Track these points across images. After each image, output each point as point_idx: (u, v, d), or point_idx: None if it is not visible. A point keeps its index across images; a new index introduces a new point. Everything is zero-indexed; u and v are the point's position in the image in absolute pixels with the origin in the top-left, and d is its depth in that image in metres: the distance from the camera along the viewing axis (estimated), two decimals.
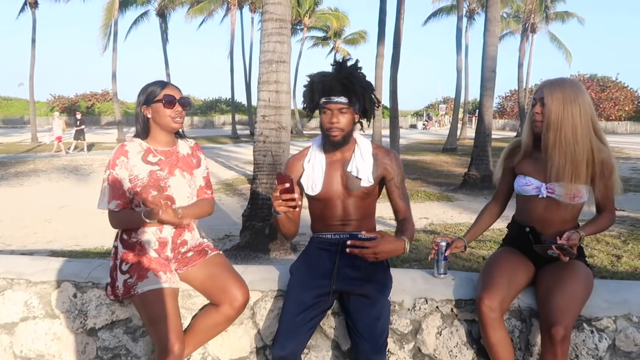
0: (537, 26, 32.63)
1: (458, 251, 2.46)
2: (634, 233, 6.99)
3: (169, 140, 2.32)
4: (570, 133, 2.12)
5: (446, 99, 54.57)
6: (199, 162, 2.41)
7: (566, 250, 2.04)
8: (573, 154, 2.12)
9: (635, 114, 43.58)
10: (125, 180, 2.22)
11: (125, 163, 2.22)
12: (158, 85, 2.25)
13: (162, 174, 2.25)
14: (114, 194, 2.21)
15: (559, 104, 2.13)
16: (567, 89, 2.14)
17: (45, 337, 2.45)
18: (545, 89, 2.18)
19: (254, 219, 6.34)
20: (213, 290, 2.24)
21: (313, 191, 2.25)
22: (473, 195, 11.33)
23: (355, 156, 2.25)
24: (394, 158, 2.30)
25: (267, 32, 6.25)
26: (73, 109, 50.75)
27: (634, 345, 2.17)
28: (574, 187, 2.13)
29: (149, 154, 2.26)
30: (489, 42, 12.20)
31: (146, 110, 2.24)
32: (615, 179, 2.16)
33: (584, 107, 2.13)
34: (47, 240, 7.45)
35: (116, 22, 27.91)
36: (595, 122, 2.17)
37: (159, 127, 2.27)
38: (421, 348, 2.30)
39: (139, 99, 2.26)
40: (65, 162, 17.20)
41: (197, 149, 2.44)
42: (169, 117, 2.23)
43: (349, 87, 2.13)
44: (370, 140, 2.35)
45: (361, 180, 2.22)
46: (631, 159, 18.87)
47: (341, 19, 37.90)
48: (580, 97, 2.13)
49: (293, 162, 2.35)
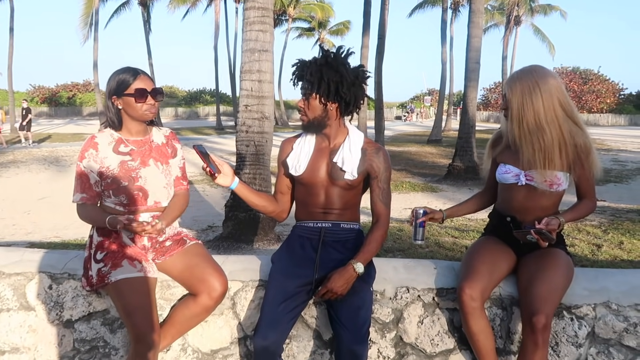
0: (521, 18, 32.87)
1: (436, 221, 2.43)
2: (615, 223, 7.10)
3: (141, 130, 2.26)
4: (533, 121, 2.11)
5: (431, 90, 54.71)
6: (175, 152, 2.36)
7: (545, 234, 2.03)
8: (541, 141, 2.11)
9: (617, 106, 44.19)
10: (92, 174, 2.17)
11: (94, 155, 2.17)
12: (129, 74, 2.16)
13: (134, 164, 2.19)
14: (79, 187, 2.17)
15: (517, 95, 2.13)
16: (525, 78, 2.14)
17: (20, 329, 2.39)
18: (506, 84, 2.20)
19: (237, 210, 6.30)
20: (191, 280, 2.21)
21: (296, 172, 2.23)
22: (457, 186, 11.41)
23: (344, 148, 2.21)
24: (382, 156, 2.24)
25: (249, 20, 6.18)
26: (54, 100, 50.02)
27: (613, 332, 2.18)
28: (550, 174, 2.12)
29: (120, 144, 2.21)
30: (473, 33, 12.24)
31: (117, 101, 2.17)
32: (593, 161, 2.15)
33: (547, 92, 2.11)
34: (26, 232, 7.33)
35: (97, 12, 27.42)
36: (566, 105, 2.14)
37: (130, 118, 2.21)
38: (403, 337, 2.30)
39: (109, 85, 2.18)
40: (46, 153, 16.93)
41: (172, 138, 2.38)
42: (141, 111, 2.17)
43: (312, 72, 2.12)
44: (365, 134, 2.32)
45: (345, 173, 2.19)
46: (612, 150, 19.15)
47: (326, 9, 37.69)
48: (542, 83, 2.11)
49: (285, 144, 2.35)
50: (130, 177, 2.18)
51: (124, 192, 2.17)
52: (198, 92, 53.64)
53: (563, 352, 2.20)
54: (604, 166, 2.34)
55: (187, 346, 2.36)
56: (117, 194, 2.17)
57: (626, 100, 44.88)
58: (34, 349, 2.39)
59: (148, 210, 2.22)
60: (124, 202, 2.18)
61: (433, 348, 2.28)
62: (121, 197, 2.17)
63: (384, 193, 2.25)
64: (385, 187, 2.26)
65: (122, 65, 2.25)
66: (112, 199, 2.18)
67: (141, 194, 2.19)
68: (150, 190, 2.21)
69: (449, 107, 32.07)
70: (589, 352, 2.21)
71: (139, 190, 2.18)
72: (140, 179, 2.19)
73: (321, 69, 2.10)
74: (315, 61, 2.13)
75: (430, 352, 2.28)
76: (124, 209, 2.19)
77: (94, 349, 2.36)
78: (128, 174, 2.17)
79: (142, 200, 2.20)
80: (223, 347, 2.35)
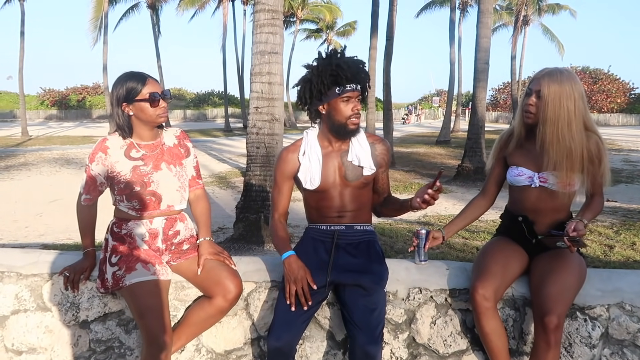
0: (529, 18, 32.67)
1: (436, 244, 2.40)
2: (626, 223, 7.05)
3: (152, 134, 2.25)
4: (567, 129, 2.09)
5: (439, 91, 54.56)
6: (188, 151, 2.36)
7: (577, 241, 2.02)
8: (569, 149, 2.09)
9: (627, 106, 43.80)
10: (100, 177, 2.20)
11: (104, 159, 2.18)
12: (137, 80, 2.13)
13: (146, 169, 2.19)
14: (86, 188, 2.23)
15: (556, 98, 2.08)
16: (565, 82, 2.09)
17: (37, 330, 2.42)
18: (543, 81, 2.11)
19: (248, 211, 6.32)
20: (206, 282, 2.22)
21: (312, 185, 2.20)
22: (466, 187, 11.37)
23: (354, 145, 2.21)
24: (387, 148, 2.31)
25: (259, 23, 6.20)
26: (63, 103, 50.38)
27: (627, 333, 2.18)
28: (569, 177, 2.13)
29: (132, 149, 2.20)
30: (481, 34, 12.19)
31: (127, 107, 2.14)
32: (605, 165, 2.14)
33: (579, 101, 2.10)
34: (39, 234, 7.40)
35: (106, 15, 27.59)
36: (587, 113, 2.15)
37: (142, 123, 2.19)
38: (415, 337, 2.30)
39: (116, 92, 2.13)
40: (57, 155, 17.07)
41: (183, 137, 2.36)
42: (155, 115, 2.17)
43: (362, 74, 2.13)
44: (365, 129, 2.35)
45: (363, 169, 2.20)
46: (623, 150, 18.98)
47: (334, 11, 37.71)
48: (577, 91, 2.09)
49: (287, 156, 2.26)
50: (142, 182, 2.18)
51: (137, 198, 2.17)
52: (206, 94, 53.84)
53: (576, 353, 2.19)
54: (614, 166, 2.34)
55: (201, 347, 2.38)
56: (130, 199, 2.18)
57: (637, 99, 44.47)
58: (51, 349, 2.42)
59: (161, 214, 2.24)
60: (137, 207, 2.19)
61: (446, 349, 2.28)
62: (134, 202, 2.18)
63: (386, 182, 2.37)
64: (387, 174, 2.36)
65: (130, 69, 2.24)
66: (125, 203, 2.19)
67: (154, 199, 2.20)
68: (163, 194, 2.22)
69: (457, 107, 31.94)
70: (603, 353, 2.20)
71: (151, 195, 2.19)
72: (153, 183, 2.19)
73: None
74: (361, 63, 2.16)
75: (443, 353, 2.28)
76: (136, 213, 2.20)
77: (110, 350, 2.39)
78: (140, 179, 2.18)
79: (155, 205, 2.21)
80: (237, 348, 2.37)
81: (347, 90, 2.10)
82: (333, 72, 2.08)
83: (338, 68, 2.08)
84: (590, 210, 2.20)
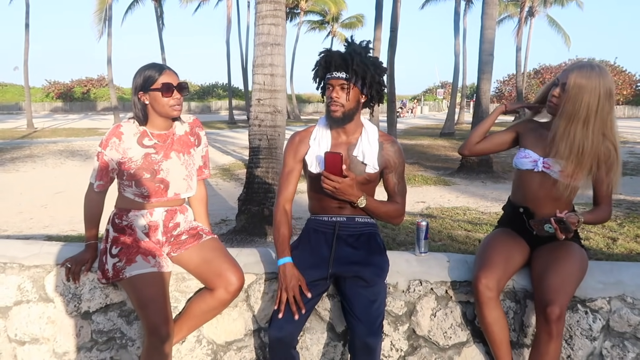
0: (535, 9, 32.37)
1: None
2: (630, 216, 7.02)
3: (166, 124, 2.29)
4: (581, 127, 2.07)
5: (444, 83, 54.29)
6: (199, 140, 2.40)
7: (565, 224, 2.01)
8: (580, 149, 2.07)
9: (634, 98, 43.49)
10: (112, 162, 2.22)
11: (117, 145, 2.20)
12: (155, 69, 2.18)
13: (157, 157, 2.23)
14: (98, 173, 2.24)
15: (579, 94, 2.05)
16: (593, 78, 2.05)
17: (40, 320, 2.44)
18: (571, 74, 2.08)
19: (250, 203, 6.33)
20: (208, 274, 2.23)
21: (317, 168, 2.21)
22: (470, 179, 11.33)
23: (362, 141, 2.21)
24: (398, 150, 2.26)
25: (261, 14, 6.17)
26: (68, 95, 50.50)
27: (628, 325, 2.17)
28: (574, 170, 2.11)
29: (145, 137, 2.24)
30: (486, 25, 12.09)
31: (143, 96, 2.19)
32: (614, 177, 2.12)
33: (604, 99, 2.05)
34: (43, 225, 7.44)
35: (110, 7, 27.62)
36: (611, 116, 2.10)
37: (157, 114, 2.23)
38: (416, 329, 2.30)
39: (135, 82, 2.20)
40: (62, 147, 17.12)
41: (196, 125, 2.40)
42: (167, 106, 2.19)
43: (348, 62, 2.11)
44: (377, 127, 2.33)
45: (366, 166, 2.19)
46: (628, 142, 18.87)
47: (338, 2, 37.46)
48: (603, 87, 2.05)
49: (298, 137, 2.30)
50: (152, 170, 2.22)
51: (146, 185, 2.21)
52: (210, 86, 53.84)
53: (577, 346, 2.19)
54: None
55: (202, 338, 2.39)
56: (139, 186, 2.21)
57: None
58: (53, 339, 2.44)
59: (168, 201, 2.27)
60: (145, 193, 2.22)
61: (446, 341, 2.29)
62: (142, 189, 2.21)
63: (398, 186, 2.27)
64: (400, 180, 2.27)
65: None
66: (133, 189, 2.22)
67: (162, 186, 2.24)
68: (171, 182, 2.25)
69: (462, 99, 31.79)
70: (604, 346, 2.20)
71: (160, 182, 2.23)
72: (162, 171, 2.23)
73: (366, 61, 2.12)
74: (359, 52, 2.13)
75: (443, 345, 2.29)
76: (144, 200, 2.23)
77: (111, 340, 2.41)
78: (151, 166, 2.21)
79: (163, 192, 2.24)
80: (237, 339, 2.38)
81: (329, 78, 2.14)
82: (321, 61, 2.17)
83: (325, 56, 2.15)
84: (593, 214, 2.18)
